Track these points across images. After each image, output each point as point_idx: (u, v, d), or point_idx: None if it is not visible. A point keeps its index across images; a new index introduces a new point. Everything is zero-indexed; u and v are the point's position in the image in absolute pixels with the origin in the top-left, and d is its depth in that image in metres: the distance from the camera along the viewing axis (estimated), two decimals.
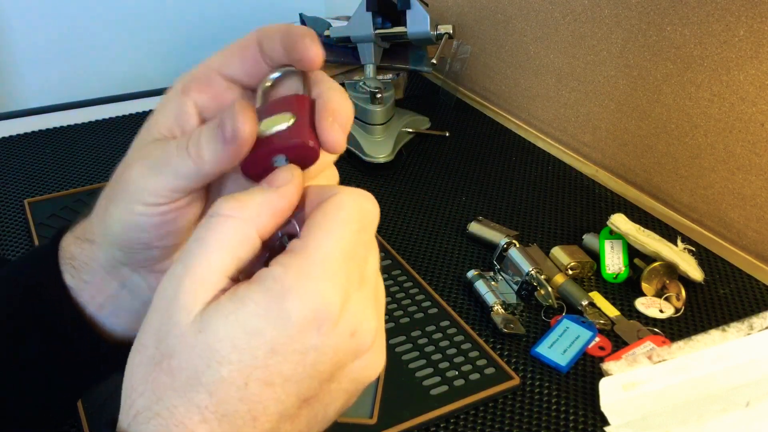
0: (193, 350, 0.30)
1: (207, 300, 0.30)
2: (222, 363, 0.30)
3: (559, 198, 0.96)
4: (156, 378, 0.30)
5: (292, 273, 0.30)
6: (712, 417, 0.62)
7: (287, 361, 0.30)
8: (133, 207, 0.36)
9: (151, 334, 0.31)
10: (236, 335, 0.30)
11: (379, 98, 1.01)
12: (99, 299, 0.41)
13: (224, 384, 0.30)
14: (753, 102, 0.81)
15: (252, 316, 0.30)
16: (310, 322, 0.30)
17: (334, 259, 0.31)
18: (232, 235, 0.31)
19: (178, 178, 0.35)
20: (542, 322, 0.74)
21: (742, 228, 0.86)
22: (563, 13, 1.04)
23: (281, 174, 0.33)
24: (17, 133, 1.09)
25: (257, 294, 0.30)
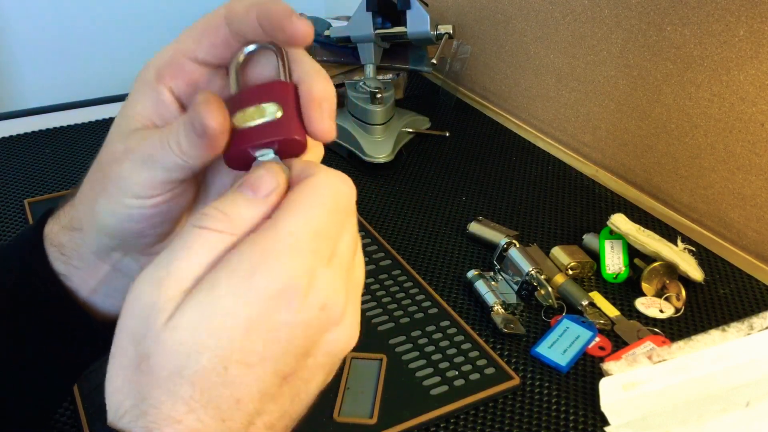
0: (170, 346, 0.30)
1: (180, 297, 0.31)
2: (201, 351, 0.30)
3: (559, 198, 0.96)
4: (138, 379, 0.31)
5: (258, 251, 0.31)
6: (712, 417, 0.62)
7: (261, 339, 0.31)
8: (125, 200, 0.37)
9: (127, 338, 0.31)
10: (211, 319, 0.30)
11: (379, 98, 1.01)
12: (91, 283, 0.41)
13: (205, 372, 0.30)
14: (753, 102, 0.81)
15: (223, 297, 0.30)
16: (278, 298, 0.31)
17: (300, 237, 0.31)
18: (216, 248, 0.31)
19: (167, 171, 0.35)
20: (542, 322, 0.74)
21: (742, 228, 0.86)
22: (563, 13, 1.04)
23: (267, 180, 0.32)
24: (17, 133, 1.09)
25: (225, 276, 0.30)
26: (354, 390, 0.64)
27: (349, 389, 0.64)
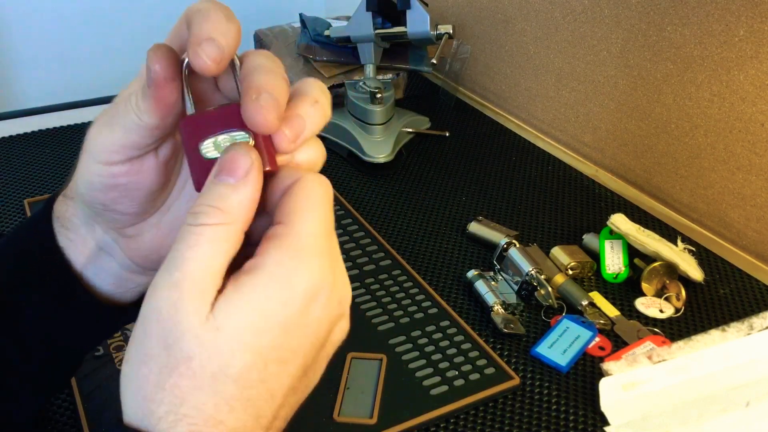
0: (215, 347, 0.31)
1: (211, 301, 0.32)
2: (245, 350, 0.31)
3: (559, 198, 0.96)
4: (176, 383, 0.31)
5: (290, 255, 0.32)
6: (712, 417, 0.62)
7: (295, 336, 0.33)
8: (91, 166, 0.38)
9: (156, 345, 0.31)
10: (254, 321, 0.31)
11: (379, 98, 1.01)
12: (82, 259, 0.43)
13: (248, 370, 0.32)
14: (753, 102, 0.81)
15: (264, 300, 0.32)
16: (312, 296, 0.33)
17: (320, 237, 0.33)
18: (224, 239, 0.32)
19: (126, 131, 0.36)
20: (542, 322, 0.74)
21: (742, 228, 0.86)
22: (563, 13, 1.04)
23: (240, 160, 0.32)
24: (17, 133, 1.09)
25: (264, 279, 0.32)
26: (354, 390, 0.64)
27: (349, 389, 0.64)
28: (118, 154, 0.37)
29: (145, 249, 0.42)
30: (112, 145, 0.37)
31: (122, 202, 0.39)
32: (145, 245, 0.42)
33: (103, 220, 0.41)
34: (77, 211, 0.42)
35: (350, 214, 0.89)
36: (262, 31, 1.29)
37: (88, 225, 0.42)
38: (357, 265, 0.80)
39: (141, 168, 0.38)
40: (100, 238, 0.42)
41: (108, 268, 0.43)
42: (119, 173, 0.38)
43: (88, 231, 0.42)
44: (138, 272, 0.44)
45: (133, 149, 0.37)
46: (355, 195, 0.96)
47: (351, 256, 0.82)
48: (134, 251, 0.42)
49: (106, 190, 0.38)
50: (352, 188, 0.97)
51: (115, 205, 0.39)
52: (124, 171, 0.38)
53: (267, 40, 1.26)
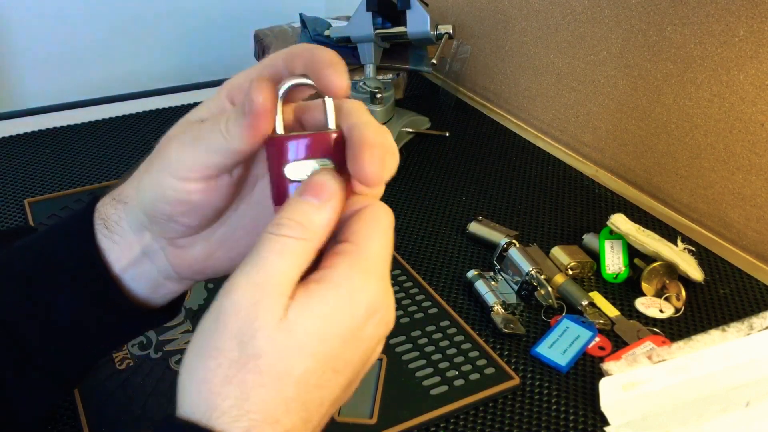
0: (284, 348, 0.33)
1: (285, 305, 0.33)
2: (310, 355, 0.33)
3: (559, 198, 0.96)
4: (243, 379, 0.33)
5: (358, 272, 0.35)
6: (712, 417, 0.62)
7: (351, 348, 0.35)
8: (164, 179, 0.39)
9: (230, 338, 0.33)
10: (322, 329, 0.33)
11: (379, 98, 1.01)
12: (123, 262, 0.43)
13: (309, 374, 0.33)
14: (753, 102, 0.81)
15: (332, 310, 0.34)
16: (372, 314, 0.35)
17: (382, 261, 0.36)
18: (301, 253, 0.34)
19: (210, 152, 0.38)
20: (542, 322, 0.74)
21: (742, 228, 0.86)
22: (563, 13, 1.04)
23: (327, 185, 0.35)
24: (17, 133, 1.09)
25: (333, 291, 0.34)
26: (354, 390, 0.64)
27: None
28: (197, 173, 0.39)
29: (191, 259, 0.44)
30: (193, 164, 0.38)
31: (188, 216, 0.41)
32: (193, 256, 0.44)
33: (158, 228, 0.42)
34: (129, 216, 0.43)
35: None
36: (262, 31, 1.29)
37: (137, 230, 0.43)
38: None
39: (215, 186, 0.40)
40: (147, 244, 0.43)
41: (147, 272, 0.44)
42: (195, 190, 0.39)
43: (136, 236, 0.43)
44: (175, 280, 0.45)
45: (213, 169, 0.39)
46: None
47: None
48: (180, 260, 0.44)
49: (177, 204, 0.40)
50: None
51: (181, 218, 0.41)
52: (200, 188, 0.39)
53: (267, 40, 1.26)
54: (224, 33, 1.62)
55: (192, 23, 1.59)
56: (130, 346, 0.67)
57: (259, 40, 1.28)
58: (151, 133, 1.09)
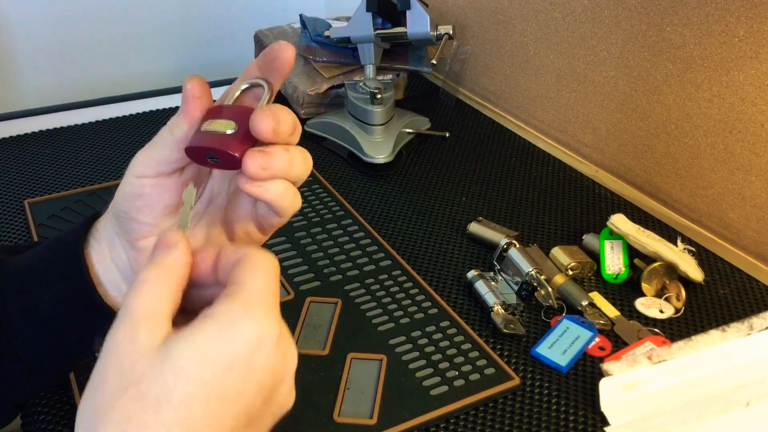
0: (161, 372, 0.34)
1: (163, 335, 0.35)
2: (188, 380, 0.34)
3: (559, 198, 0.96)
4: (124, 404, 0.33)
5: (238, 305, 0.36)
6: (712, 417, 0.63)
7: (239, 378, 0.35)
8: (126, 178, 0.45)
9: (113, 370, 0.35)
10: (198, 354, 0.34)
11: (379, 99, 1.01)
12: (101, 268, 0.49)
13: (190, 399, 0.34)
14: (753, 102, 0.81)
15: (209, 339, 0.35)
16: (256, 344, 0.36)
17: (268, 296, 0.37)
18: (165, 288, 0.37)
19: (160, 148, 0.44)
20: (542, 323, 0.74)
21: (742, 228, 0.86)
22: (563, 13, 1.04)
23: (171, 236, 0.39)
24: (17, 134, 1.09)
25: (212, 322, 0.35)
26: (354, 390, 0.64)
27: (349, 389, 0.65)
28: (150, 168, 0.44)
29: None
30: (147, 161, 0.44)
31: (143, 211, 0.45)
32: None
33: (123, 231, 0.47)
34: (107, 225, 0.48)
35: (350, 214, 0.89)
36: (262, 32, 1.29)
37: (111, 238, 0.48)
38: (357, 265, 0.81)
39: (166, 183, 0.45)
40: (115, 249, 0.48)
41: (113, 279, 0.49)
42: (148, 184, 0.44)
43: (108, 242, 0.48)
44: None
45: (164, 164, 0.44)
46: (355, 195, 0.96)
47: (351, 256, 0.82)
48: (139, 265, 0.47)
49: (133, 198, 0.45)
50: (352, 188, 0.97)
51: (136, 214, 0.45)
52: (152, 183, 0.44)
53: (267, 41, 1.26)
54: (224, 33, 1.62)
55: (192, 24, 1.59)
56: None
57: (259, 40, 1.28)
58: (151, 134, 1.08)
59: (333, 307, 0.74)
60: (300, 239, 0.85)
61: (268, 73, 0.44)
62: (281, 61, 0.43)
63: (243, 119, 0.41)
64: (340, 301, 0.75)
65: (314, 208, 0.91)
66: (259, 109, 0.40)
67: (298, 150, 0.42)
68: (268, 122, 0.40)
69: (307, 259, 0.81)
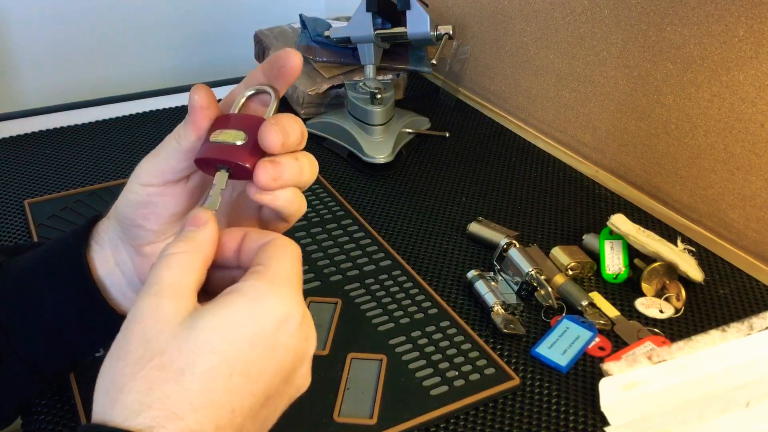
0: (185, 344, 0.34)
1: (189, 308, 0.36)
2: (213, 352, 0.34)
3: (559, 198, 0.96)
4: (147, 374, 0.34)
5: (265, 283, 0.37)
6: (712, 417, 0.63)
7: (262, 355, 0.35)
8: (131, 186, 0.45)
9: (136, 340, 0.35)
10: (224, 328, 0.35)
11: (379, 99, 1.01)
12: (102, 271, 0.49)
13: (213, 372, 0.34)
14: (753, 102, 0.81)
15: (235, 313, 0.35)
16: (281, 321, 0.36)
17: (293, 278, 0.38)
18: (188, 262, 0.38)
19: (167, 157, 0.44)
20: (542, 323, 0.74)
21: (742, 228, 0.86)
22: (563, 13, 1.04)
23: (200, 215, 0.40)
24: (17, 134, 1.09)
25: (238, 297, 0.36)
26: (354, 390, 0.64)
27: (349, 389, 0.64)
28: (156, 177, 0.44)
29: None
30: (153, 170, 0.44)
31: (149, 219, 0.46)
32: None
33: (127, 237, 0.47)
34: (109, 229, 0.49)
35: (350, 214, 0.89)
36: (262, 32, 1.29)
37: (114, 243, 0.48)
38: (357, 265, 0.80)
39: (172, 191, 0.45)
40: (119, 254, 0.48)
41: (117, 283, 0.49)
42: (153, 193, 0.44)
43: (111, 247, 0.49)
44: None
45: (170, 173, 0.44)
46: (355, 195, 0.96)
47: (351, 256, 0.82)
48: (144, 270, 0.48)
49: (138, 206, 0.45)
50: (352, 188, 0.97)
51: (142, 221, 0.46)
52: (158, 192, 0.44)
53: (267, 41, 1.26)
54: (225, 33, 1.62)
55: (192, 24, 1.59)
56: None
57: (259, 40, 1.28)
58: (151, 134, 1.09)
59: (333, 307, 0.74)
60: (300, 239, 0.85)
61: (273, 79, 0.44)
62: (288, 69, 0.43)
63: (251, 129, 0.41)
64: (340, 301, 0.75)
65: (314, 208, 0.91)
66: (267, 123, 0.40)
67: (306, 157, 0.43)
68: (277, 136, 0.40)
69: (307, 259, 0.81)
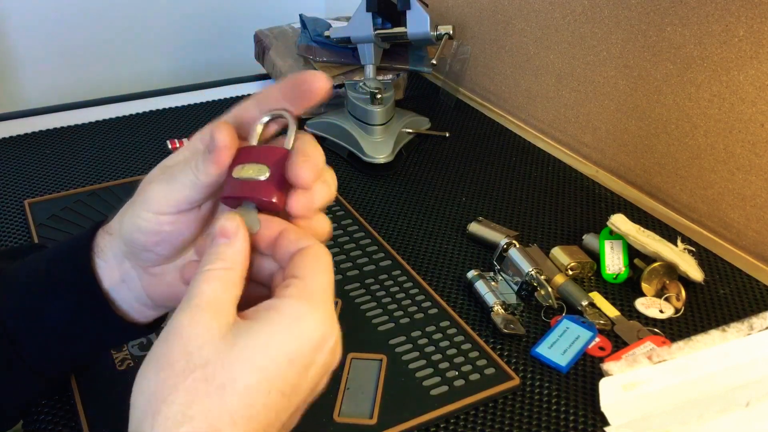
0: (227, 359, 0.35)
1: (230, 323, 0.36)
2: (254, 370, 0.35)
3: (559, 198, 0.96)
4: (189, 386, 0.34)
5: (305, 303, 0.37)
6: (712, 417, 0.63)
7: (298, 373, 0.37)
8: (141, 213, 0.44)
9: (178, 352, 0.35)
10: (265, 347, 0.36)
11: (379, 99, 1.01)
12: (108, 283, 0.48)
13: (253, 389, 0.35)
14: (753, 102, 0.81)
15: (276, 332, 0.36)
16: (319, 342, 0.37)
17: (327, 293, 0.39)
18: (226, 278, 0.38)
19: (182, 188, 0.43)
20: (542, 323, 0.74)
21: (742, 228, 0.86)
22: (563, 13, 1.04)
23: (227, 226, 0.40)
24: (17, 134, 1.09)
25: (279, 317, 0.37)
26: (354, 390, 0.64)
27: (349, 389, 0.64)
28: (170, 207, 0.43)
29: (163, 287, 0.48)
30: (167, 199, 0.43)
31: (161, 245, 0.45)
32: (165, 284, 0.48)
33: (135, 257, 0.47)
34: (113, 246, 0.48)
35: (350, 214, 0.89)
36: (262, 32, 1.29)
37: (119, 259, 0.48)
38: (357, 265, 0.80)
39: (185, 219, 0.44)
40: (125, 271, 0.48)
41: (124, 298, 0.49)
42: (166, 222, 0.44)
43: (117, 263, 0.48)
44: (150, 307, 0.50)
45: (184, 203, 0.43)
46: (355, 195, 0.96)
47: (351, 256, 0.82)
48: (154, 288, 0.48)
49: (151, 234, 0.44)
50: (352, 188, 0.97)
51: (154, 248, 0.45)
52: (171, 221, 0.44)
53: (267, 41, 1.26)
54: (225, 34, 1.62)
55: (192, 24, 1.59)
56: (130, 347, 0.67)
57: (259, 40, 1.28)
58: (151, 134, 1.09)
59: None
60: None
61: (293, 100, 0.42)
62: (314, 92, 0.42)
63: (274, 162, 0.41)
64: (340, 301, 0.75)
65: None
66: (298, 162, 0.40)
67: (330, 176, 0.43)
68: (310, 173, 0.40)
69: None
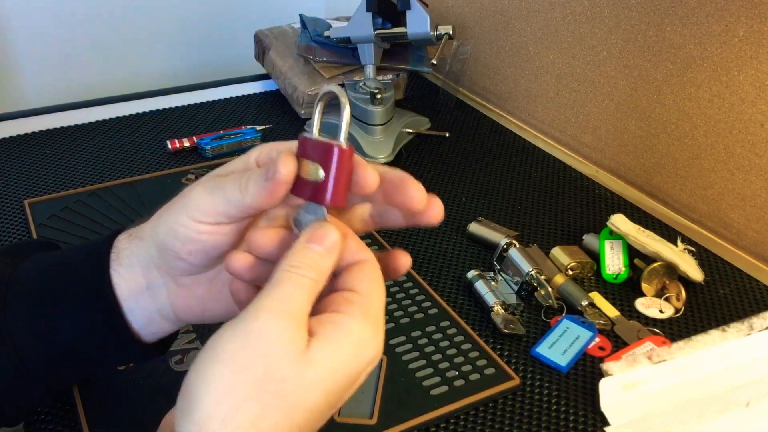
0: (303, 378, 0.36)
1: (306, 337, 0.37)
2: (322, 392, 0.37)
3: (559, 198, 0.96)
4: (265, 399, 0.35)
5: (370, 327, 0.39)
6: (712, 417, 0.63)
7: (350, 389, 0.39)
8: (180, 218, 0.43)
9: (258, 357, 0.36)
10: (334, 368, 0.37)
11: (379, 99, 1.01)
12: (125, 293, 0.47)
13: (318, 407, 0.37)
14: (753, 102, 0.81)
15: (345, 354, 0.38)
16: (371, 361, 0.39)
17: (382, 313, 0.41)
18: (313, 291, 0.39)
19: (225, 202, 0.42)
20: (542, 323, 0.74)
21: (742, 228, 0.86)
22: (563, 13, 1.04)
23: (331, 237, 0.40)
24: (17, 134, 1.09)
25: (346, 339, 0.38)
26: None
27: None
28: (210, 217, 0.42)
29: (192, 299, 0.47)
30: (208, 209, 0.42)
31: (195, 254, 0.44)
32: (194, 296, 0.47)
33: (165, 265, 0.46)
34: (141, 251, 0.46)
35: None
36: (262, 32, 1.29)
37: (146, 265, 0.46)
38: None
39: (223, 231, 0.43)
40: (153, 279, 0.46)
41: (145, 306, 0.47)
42: (204, 231, 0.43)
43: (143, 270, 0.46)
44: (169, 319, 0.48)
45: (224, 217, 0.42)
46: None
47: None
48: (181, 299, 0.47)
49: (187, 241, 0.43)
50: None
51: (188, 256, 0.44)
52: (209, 230, 0.43)
53: (267, 41, 1.26)
54: (225, 34, 1.62)
55: (192, 24, 1.59)
56: None
57: (259, 40, 1.28)
58: (151, 134, 1.09)
59: None
60: None
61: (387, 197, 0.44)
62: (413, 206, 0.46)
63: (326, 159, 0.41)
64: None
65: None
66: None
67: None
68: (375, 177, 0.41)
69: None
